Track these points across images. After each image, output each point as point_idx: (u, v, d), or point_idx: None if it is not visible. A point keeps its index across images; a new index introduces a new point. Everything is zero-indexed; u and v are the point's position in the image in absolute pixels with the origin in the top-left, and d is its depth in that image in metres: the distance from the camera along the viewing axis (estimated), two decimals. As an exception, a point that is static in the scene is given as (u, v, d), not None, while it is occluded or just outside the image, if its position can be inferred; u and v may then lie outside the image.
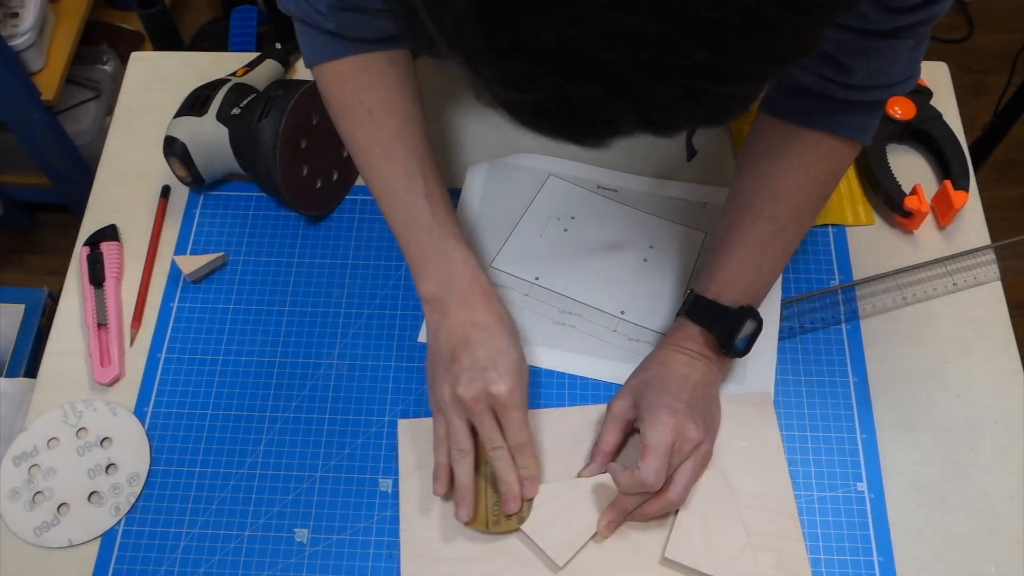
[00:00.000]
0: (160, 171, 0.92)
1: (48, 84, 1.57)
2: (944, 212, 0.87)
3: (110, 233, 0.89)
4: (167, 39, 1.77)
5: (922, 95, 0.93)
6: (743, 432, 0.77)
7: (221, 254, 0.88)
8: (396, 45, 0.77)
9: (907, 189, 0.87)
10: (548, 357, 0.82)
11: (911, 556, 0.73)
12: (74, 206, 1.81)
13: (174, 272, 0.88)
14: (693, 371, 0.74)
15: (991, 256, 0.86)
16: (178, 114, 0.89)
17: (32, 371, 1.20)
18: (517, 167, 0.93)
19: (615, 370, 0.81)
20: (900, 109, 0.91)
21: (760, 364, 0.81)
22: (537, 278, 0.86)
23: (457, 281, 0.74)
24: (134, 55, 1.03)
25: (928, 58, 0.97)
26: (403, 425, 0.79)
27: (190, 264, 0.86)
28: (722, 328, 0.73)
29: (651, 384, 0.73)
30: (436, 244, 0.75)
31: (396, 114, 0.76)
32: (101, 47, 1.86)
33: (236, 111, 0.87)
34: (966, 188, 0.87)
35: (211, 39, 2.03)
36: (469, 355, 0.71)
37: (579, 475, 0.75)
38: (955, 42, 2.07)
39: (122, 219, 0.91)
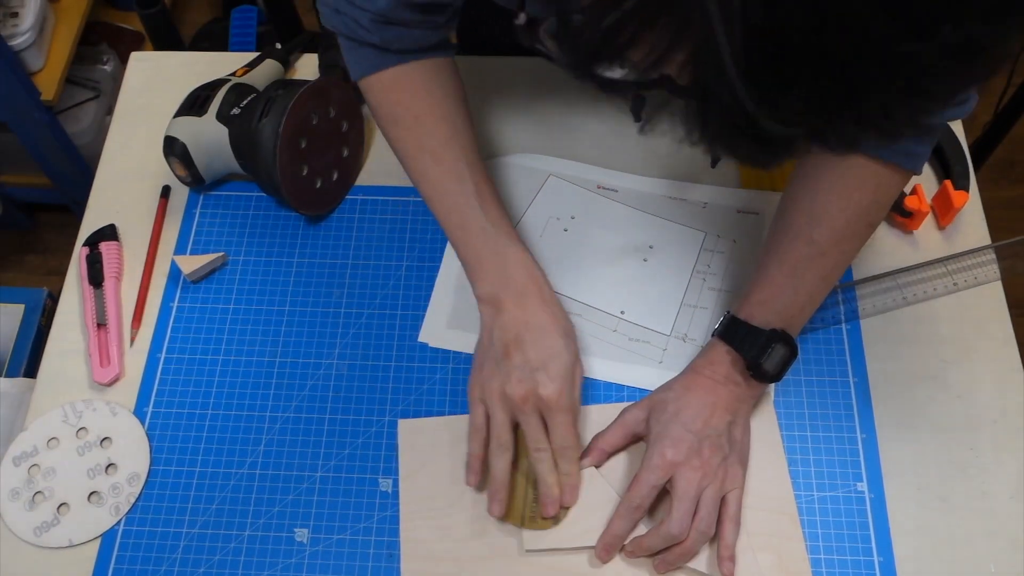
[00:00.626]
0: (160, 171, 0.92)
1: (48, 84, 1.57)
2: (944, 212, 0.87)
3: (110, 233, 0.89)
4: (167, 39, 1.77)
5: (922, 95, 0.93)
6: None
7: (221, 254, 0.88)
8: (442, 53, 0.78)
9: (907, 189, 0.87)
10: None
11: (911, 556, 0.73)
12: (74, 206, 1.81)
13: (174, 272, 0.88)
14: (717, 398, 0.72)
15: (991, 256, 0.86)
16: (178, 114, 0.89)
17: (32, 371, 1.20)
18: (517, 167, 0.93)
19: (615, 370, 0.81)
20: (900, 109, 0.91)
21: None
22: None
23: (513, 280, 0.74)
24: (134, 55, 1.03)
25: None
26: (403, 425, 0.79)
27: (190, 264, 0.86)
28: (749, 349, 0.71)
29: (668, 406, 0.73)
30: (490, 245, 0.75)
31: (443, 119, 0.77)
32: (101, 47, 1.86)
33: (236, 111, 0.87)
34: (966, 188, 0.87)
35: (211, 39, 2.03)
36: (521, 354, 0.71)
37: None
38: (955, 42, 2.06)
39: (122, 219, 0.91)
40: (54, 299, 1.42)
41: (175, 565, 0.74)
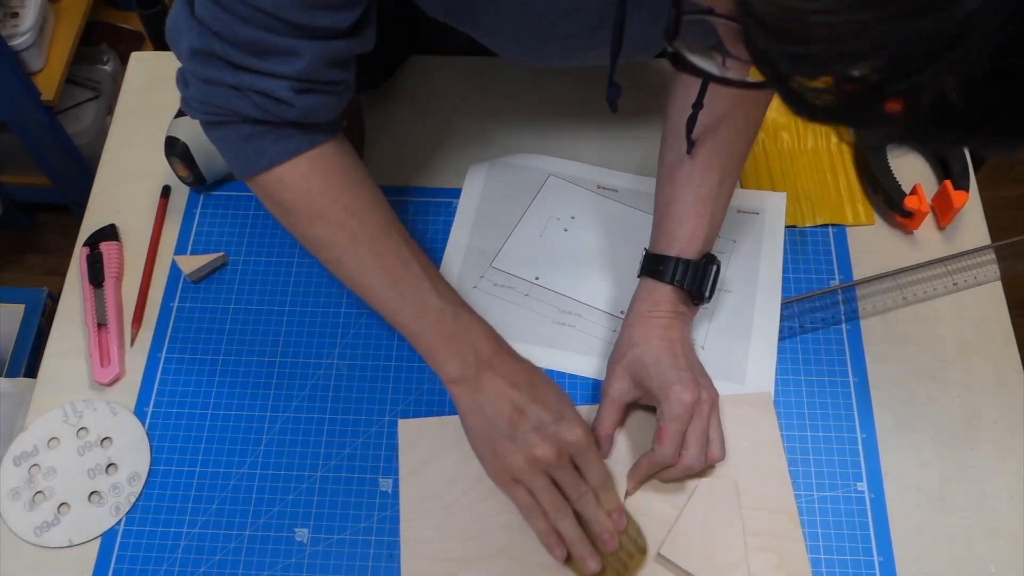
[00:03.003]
0: (160, 171, 0.92)
1: (48, 84, 1.57)
2: (944, 212, 0.87)
3: (110, 233, 0.89)
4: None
5: (922, 95, 0.93)
6: (743, 432, 0.77)
7: (221, 254, 0.88)
8: (339, 129, 0.73)
9: (907, 189, 0.87)
10: (548, 357, 0.82)
11: (911, 556, 0.73)
12: (74, 206, 1.81)
13: (174, 272, 0.88)
14: (675, 333, 0.75)
15: (991, 256, 0.86)
16: (179, 114, 0.89)
17: (32, 371, 1.20)
18: (517, 167, 0.93)
19: None
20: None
21: (760, 364, 0.81)
22: (537, 278, 0.86)
23: (482, 353, 0.73)
24: (134, 55, 1.03)
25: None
26: (403, 425, 0.79)
27: (190, 264, 0.86)
28: (693, 282, 0.75)
29: (646, 360, 0.74)
30: (450, 325, 0.73)
31: (373, 206, 0.73)
32: (101, 47, 1.86)
33: None
34: (966, 188, 0.87)
35: None
36: (530, 416, 0.70)
37: None
38: (955, 42, 2.06)
39: (122, 219, 0.91)
40: (54, 299, 1.42)
41: (175, 565, 0.74)
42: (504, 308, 0.84)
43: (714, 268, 0.76)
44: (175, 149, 0.87)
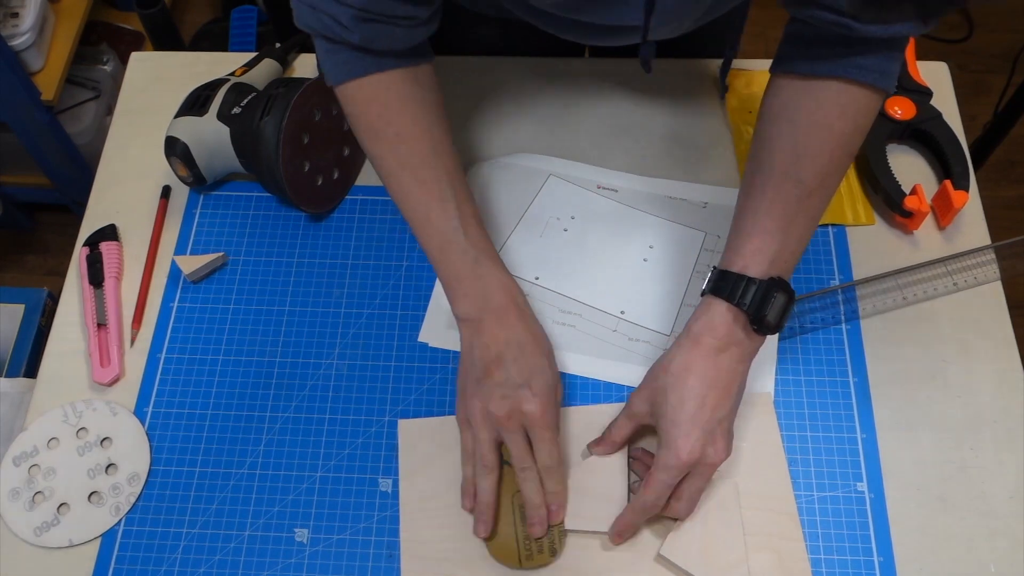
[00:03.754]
0: (160, 171, 0.92)
1: (48, 84, 1.57)
2: (944, 212, 0.87)
3: (110, 233, 0.89)
4: (167, 39, 1.78)
5: (922, 95, 0.93)
6: (743, 432, 0.77)
7: (221, 254, 0.88)
8: (422, 60, 0.76)
9: (907, 189, 0.87)
10: None
11: (911, 556, 0.73)
12: (74, 206, 1.81)
13: (174, 272, 0.88)
14: (718, 373, 0.70)
15: (991, 256, 0.86)
16: (179, 114, 0.89)
17: (32, 371, 1.20)
18: (517, 167, 0.93)
19: (615, 370, 0.81)
20: (900, 109, 0.91)
21: (760, 364, 0.81)
22: (537, 278, 0.86)
23: (492, 301, 0.73)
24: (134, 55, 1.03)
25: (928, 58, 0.97)
26: (403, 425, 0.79)
27: (190, 264, 0.86)
28: (751, 303, 0.68)
29: (670, 393, 0.70)
30: (470, 267, 0.74)
31: (424, 136, 0.75)
32: (101, 47, 1.86)
33: (237, 110, 0.87)
34: (966, 188, 0.87)
35: (211, 39, 2.03)
36: (503, 372, 0.71)
37: (588, 447, 0.76)
38: (955, 42, 2.07)
39: (122, 219, 0.91)
40: (54, 299, 1.42)
41: (175, 565, 0.74)
42: None
43: (780, 295, 0.69)
44: (175, 149, 0.87)
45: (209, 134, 0.87)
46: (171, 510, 0.77)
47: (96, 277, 0.86)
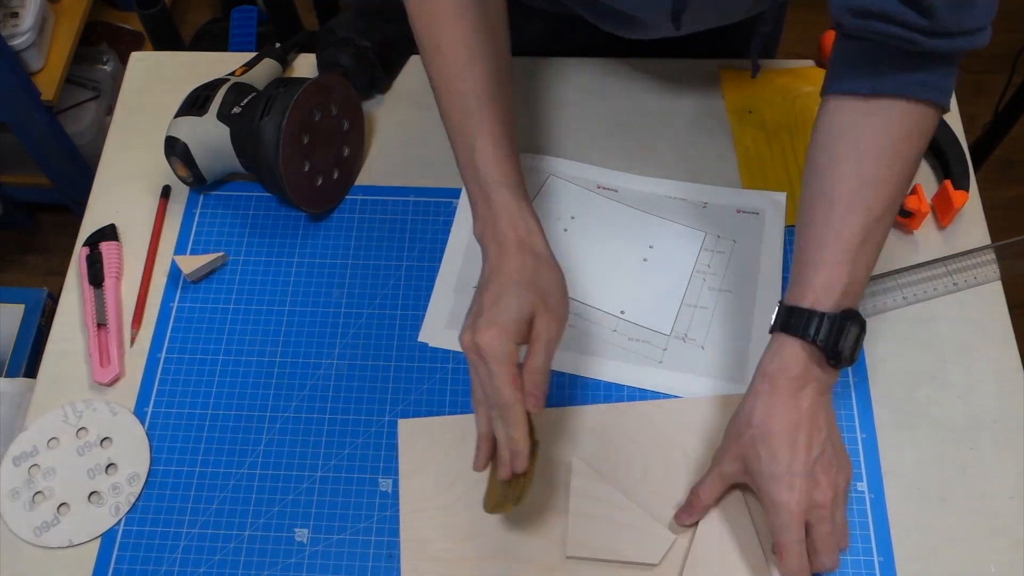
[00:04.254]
0: (160, 171, 0.92)
1: (48, 84, 1.57)
2: (944, 212, 0.87)
3: (110, 233, 0.89)
4: (167, 39, 1.77)
5: (922, 95, 0.93)
6: None
7: (221, 254, 0.88)
8: None
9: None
10: None
11: (911, 556, 0.73)
12: (74, 206, 1.81)
13: (174, 272, 0.88)
14: (801, 415, 0.68)
15: (991, 256, 0.86)
16: (178, 114, 0.89)
17: (32, 371, 1.20)
18: None
19: (615, 370, 0.81)
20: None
21: None
22: None
23: (495, 226, 0.69)
24: (134, 55, 1.03)
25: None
26: (403, 425, 0.79)
27: (190, 264, 0.86)
28: (826, 339, 0.67)
29: (760, 447, 0.68)
30: (480, 187, 0.71)
31: (462, 51, 0.73)
32: (101, 47, 1.86)
33: (237, 110, 0.87)
34: (966, 188, 0.87)
35: (211, 39, 2.03)
36: (479, 301, 0.68)
37: (675, 518, 0.74)
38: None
39: (122, 219, 0.91)
40: (54, 299, 1.42)
41: (175, 565, 0.74)
42: None
43: (855, 328, 0.67)
44: (175, 149, 0.87)
45: (209, 134, 0.87)
46: (171, 510, 0.77)
47: (96, 277, 0.86)
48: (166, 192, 0.92)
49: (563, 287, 0.69)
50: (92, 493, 0.77)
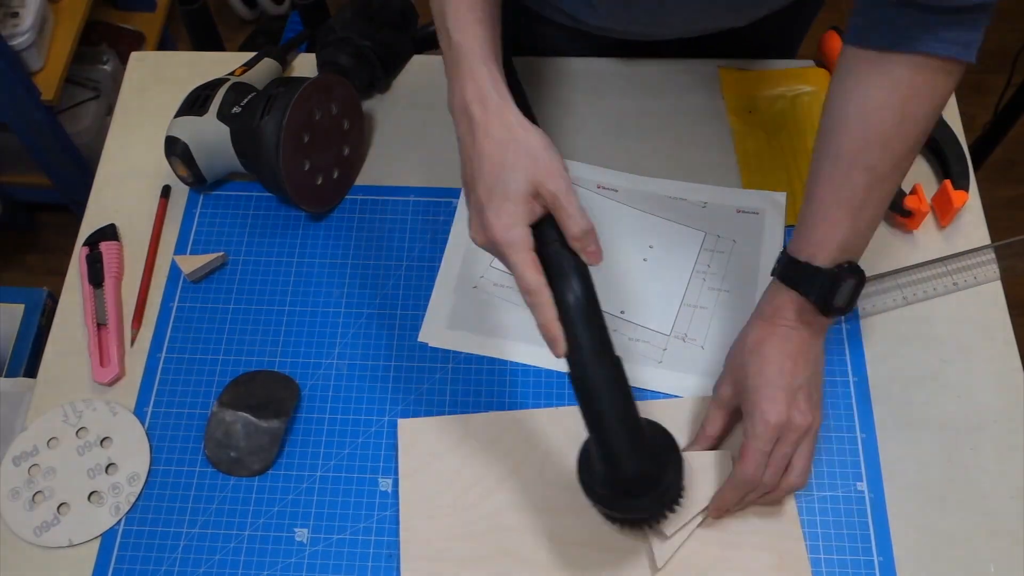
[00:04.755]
0: (160, 171, 0.92)
1: (48, 84, 1.57)
2: (944, 212, 0.87)
3: (110, 233, 0.89)
4: (207, 36, 1.75)
5: (922, 95, 0.93)
6: (742, 431, 0.77)
7: (221, 254, 0.88)
8: None
9: (907, 188, 0.87)
10: (549, 357, 0.82)
11: (911, 556, 0.73)
12: (74, 206, 1.81)
13: (174, 272, 0.88)
14: (792, 345, 0.70)
15: (991, 256, 0.86)
16: (178, 114, 0.89)
17: (32, 371, 1.20)
18: None
19: None
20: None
21: None
22: None
23: (463, 98, 0.66)
24: (134, 55, 1.03)
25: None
26: (403, 425, 0.79)
27: (190, 264, 0.86)
28: (819, 292, 0.69)
29: (749, 367, 0.71)
30: (452, 56, 0.68)
31: None
32: (101, 47, 1.86)
33: (237, 109, 0.87)
34: (966, 188, 0.87)
35: (267, 36, 2.11)
36: (472, 194, 0.65)
37: (686, 450, 0.75)
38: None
39: (122, 219, 0.91)
40: (54, 299, 1.42)
41: (175, 565, 0.74)
42: (504, 308, 0.84)
43: (848, 281, 0.69)
44: (175, 149, 0.87)
45: (209, 134, 0.87)
46: (171, 510, 0.77)
47: (96, 277, 0.86)
48: (166, 192, 0.92)
49: (546, 141, 0.66)
50: (92, 493, 0.77)
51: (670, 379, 0.81)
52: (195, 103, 0.89)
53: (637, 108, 0.96)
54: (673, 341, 0.82)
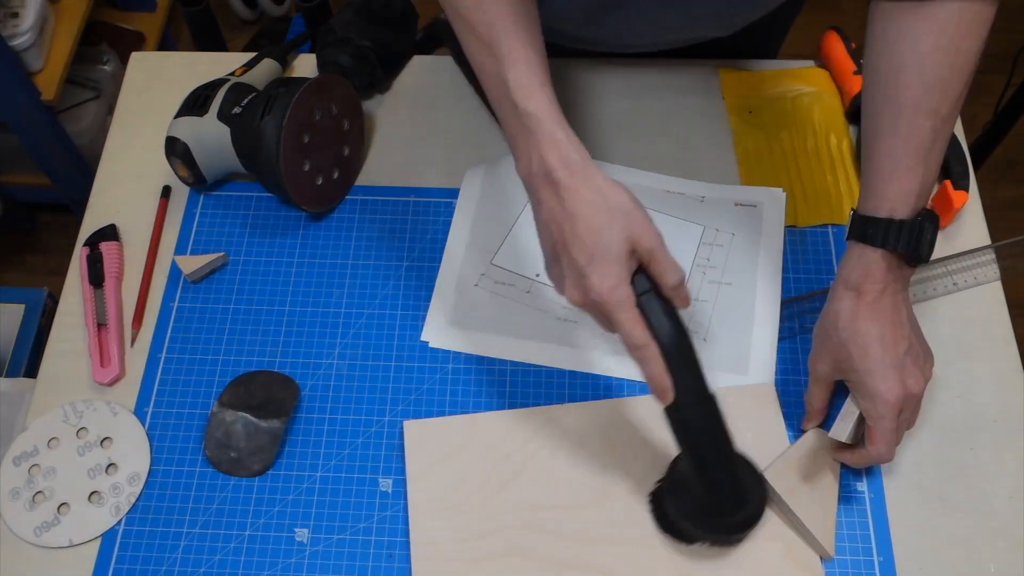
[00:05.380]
0: (160, 171, 0.92)
1: (48, 84, 1.57)
2: (944, 212, 0.87)
3: (110, 233, 0.89)
4: (210, 38, 1.75)
5: (922, 95, 0.93)
6: (749, 423, 0.77)
7: (221, 254, 0.88)
8: None
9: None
10: (553, 353, 0.82)
11: (911, 556, 0.74)
12: (74, 206, 1.81)
13: (174, 272, 0.88)
14: (884, 312, 0.70)
15: (991, 256, 0.86)
16: (179, 114, 0.89)
17: (32, 371, 1.20)
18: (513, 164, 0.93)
19: (617, 365, 0.81)
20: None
21: (763, 355, 0.81)
22: (538, 275, 0.86)
23: (544, 162, 0.67)
24: (134, 55, 1.03)
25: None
26: (409, 427, 0.79)
27: (190, 264, 0.86)
28: (906, 243, 0.69)
29: (850, 346, 0.70)
30: (521, 124, 0.68)
31: None
32: (101, 47, 1.86)
33: (237, 110, 0.87)
34: (966, 188, 0.87)
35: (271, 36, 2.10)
36: (566, 255, 0.66)
37: (803, 429, 0.77)
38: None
39: (122, 219, 0.91)
40: (54, 299, 1.42)
41: (175, 565, 0.74)
42: (506, 305, 0.84)
43: (931, 226, 0.70)
44: (175, 149, 0.87)
45: (209, 134, 0.87)
46: (171, 510, 0.77)
47: (96, 277, 0.86)
48: (166, 192, 0.92)
49: (632, 195, 0.67)
50: (92, 493, 0.77)
51: None
52: (195, 103, 0.89)
53: (637, 108, 0.96)
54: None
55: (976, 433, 0.78)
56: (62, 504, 0.77)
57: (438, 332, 0.84)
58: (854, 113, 0.93)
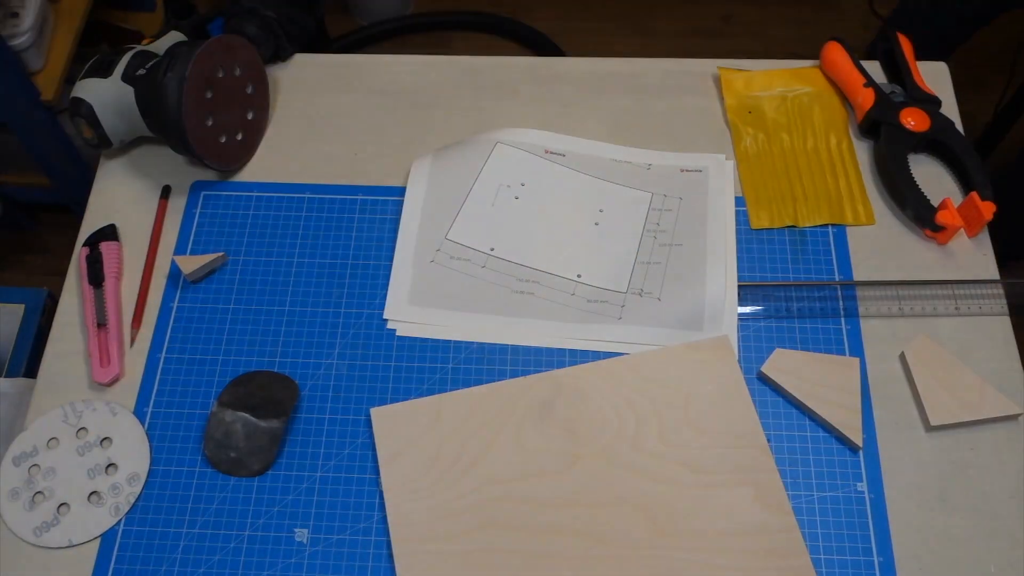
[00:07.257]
0: (160, 171, 0.92)
1: (48, 84, 1.57)
2: (973, 224, 0.86)
3: (110, 233, 0.89)
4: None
5: (931, 104, 0.92)
6: (707, 376, 0.79)
7: (221, 254, 0.88)
8: None
9: (935, 203, 0.86)
10: (510, 326, 0.83)
11: (911, 556, 0.74)
12: (74, 206, 1.81)
13: (174, 272, 0.88)
14: None
15: (999, 290, 0.85)
16: (85, 75, 0.90)
17: (32, 371, 1.20)
18: (465, 140, 0.93)
19: (576, 331, 0.83)
20: (913, 120, 0.91)
21: (715, 310, 0.83)
22: (492, 248, 0.87)
23: None
24: (134, 55, 1.03)
25: (927, 57, 0.97)
26: (376, 413, 0.79)
27: (190, 264, 0.86)
28: None
29: None
30: None
31: None
32: (101, 47, 1.86)
33: (142, 71, 0.88)
34: (991, 198, 0.86)
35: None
36: None
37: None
38: (955, 42, 2.06)
39: (122, 219, 0.91)
40: (54, 299, 1.42)
41: (175, 565, 0.74)
42: (462, 280, 0.85)
43: None
44: (80, 110, 0.88)
45: (114, 95, 0.88)
46: (171, 510, 0.77)
47: (96, 277, 0.86)
48: (166, 192, 0.92)
49: None
50: (92, 493, 0.77)
51: (632, 332, 0.82)
52: (100, 66, 0.90)
53: (637, 108, 0.96)
54: (630, 297, 0.84)
55: (976, 433, 0.78)
56: (62, 504, 0.77)
57: (398, 308, 0.85)
58: (868, 128, 0.93)
